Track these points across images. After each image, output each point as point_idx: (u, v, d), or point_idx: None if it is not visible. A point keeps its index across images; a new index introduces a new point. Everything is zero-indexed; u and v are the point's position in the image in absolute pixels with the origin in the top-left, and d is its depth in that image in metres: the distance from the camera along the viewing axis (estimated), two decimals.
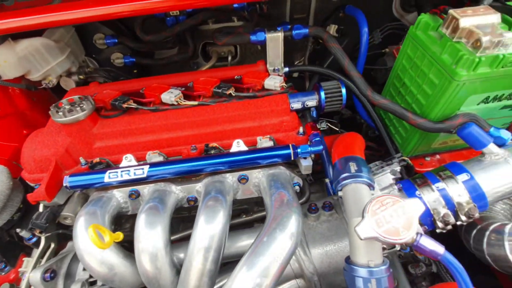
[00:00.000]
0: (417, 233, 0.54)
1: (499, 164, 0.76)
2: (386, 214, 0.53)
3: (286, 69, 1.08)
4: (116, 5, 0.85)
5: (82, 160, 0.91)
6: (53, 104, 0.89)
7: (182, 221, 1.15)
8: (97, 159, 0.91)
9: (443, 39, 0.80)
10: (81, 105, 0.87)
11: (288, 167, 0.93)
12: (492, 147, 0.77)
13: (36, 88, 1.14)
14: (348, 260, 0.66)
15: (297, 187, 0.92)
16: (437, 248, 0.53)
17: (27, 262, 0.96)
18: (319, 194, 1.17)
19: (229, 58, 1.46)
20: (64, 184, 0.84)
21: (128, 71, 1.43)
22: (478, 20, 0.72)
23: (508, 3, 0.92)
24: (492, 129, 0.84)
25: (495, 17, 0.72)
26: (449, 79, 0.78)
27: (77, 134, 0.90)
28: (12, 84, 1.08)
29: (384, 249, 0.77)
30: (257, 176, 0.91)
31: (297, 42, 1.35)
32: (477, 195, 0.75)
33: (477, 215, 0.74)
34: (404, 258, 1.12)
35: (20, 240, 1.00)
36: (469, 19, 0.73)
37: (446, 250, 0.53)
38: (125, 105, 0.95)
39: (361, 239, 0.53)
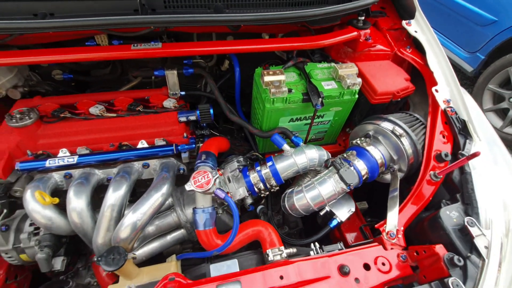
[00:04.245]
0: (216, 188, 1.11)
1: (288, 157, 1.37)
2: (199, 177, 1.09)
3: (183, 92, 1.60)
4: (59, 55, 1.28)
5: (28, 152, 1.32)
6: (7, 113, 1.29)
7: None
8: (40, 152, 1.33)
9: (261, 85, 1.40)
10: (29, 115, 1.29)
11: (177, 158, 1.45)
12: (285, 147, 1.39)
13: None
14: (193, 208, 1.21)
15: (182, 171, 1.45)
16: (222, 194, 1.11)
17: None
18: None
19: (153, 77, 1.93)
20: (16, 168, 1.25)
21: (67, 84, 1.81)
22: (273, 78, 1.33)
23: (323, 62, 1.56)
24: (293, 137, 1.46)
25: (282, 77, 1.33)
26: (264, 107, 1.38)
27: (25, 134, 1.31)
28: None
29: (223, 204, 1.33)
30: (155, 164, 1.41)
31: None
32: (275, 174, 1.36)
33: (274, 184, 1.35)
34: (277, 225, 1.72)
35: None
36: (269, 77, 1.33)
37: (227, 196, 1.11)
38: (61, 115, 1.39)
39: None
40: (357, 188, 1.40)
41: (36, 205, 1.19)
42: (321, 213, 1.42)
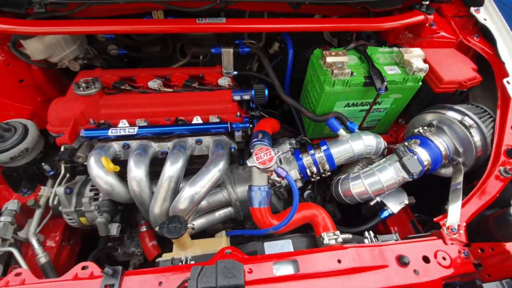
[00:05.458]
0: (277, 166, 1.10)
1: (343, 142, 1.34)
2: (261, 154, 1.08)
3: (235, 72, 1.59)
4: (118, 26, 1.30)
5: (91, 120, 1.37)
6: (74, 82, 1.34)
7: None
8: (102, 121, 1.38)
9: (321, 66, 1.36)
10: (94, 84, 1.33)
11: (228, 136, 1.46)
12: (341, 132, 1.35)
13: (53, 67, 1.56)
14: (249, 186, 1.21)
15: (233, 150, 1.45)
16: (283, 173, 1.09)
17: (43, 189, 1.42)
18: None
19: (201, 57, 1.93)
20: (81, 135, 1.31)
21: (120, 59, 1.85)
22: (336, 59, 1.28)
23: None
24: (348, 122, 1.41)
25: (345, 58, 1.28)
26: (322, 90, 1.34)
27: (89, 103, 1.36)
28: (39, 64, 1.49)
29: (274, 184, 1.33)
30: (208, 140, 1.42)
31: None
32: (329, 158, 1.33)
33: (327, 169, 1.33)
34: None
35: (40, 173, 1.44)
36: (331, 58, 1.28)
37: (288, 174, 1.09)
38: (122, 87, 1.42)
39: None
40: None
41: (100, 171, 1.23)
42: (371, 203, 1.38)
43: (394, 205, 1.40)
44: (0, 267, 1.25)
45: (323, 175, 1.38)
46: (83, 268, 1.00)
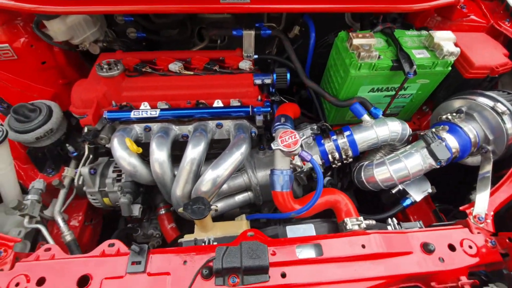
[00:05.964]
0: (302, 150, 1.08)
1: (367, 128, 1.31)
2: (286, 137, 1.07)
3: (256, 56, 1.56)
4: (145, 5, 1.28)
5: (113, 102, 1.37)
6: (97, 63, 1.34)
7: None
8: (124, 103, 1.38)
9: (347, 49, 1.32)
10: (117, 66, 1.33)
11: (249, 121, 1.44)
12: (365, 117, 1.32)
13: (75, 50, 1.56)
14: (272, 169, 1.20)
15: (253, 134, 1.44)
16: (308, 157, 1.08)
17: (67, 170, 1.44)
18: None
19: (219, 41, 1.90)
20: (104, 116, 1.31)
21: (139, 43, 1.84)
22: (363, 41, 1.24)
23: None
24: (372, 108, 1.38)
25: (373, 40, 1.24)
26: (347, 74, 1.31)
27: (111, 85, 1.36)
28: (61, 45, 1.50)
29: (295, 169, 1.31)
30: (228, 124, 1.41)
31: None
32: (352, 144, 1.30)
33: (350, 155, 1.30)
34: None
35: (64, 154, 1.47)
36: (358, 40, 1.24)
37: (313, 158, 1.08)
38: (144, 69, 1.42)
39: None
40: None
41: (124, 152, 1.24)
42: (393, 191, 1.36)
43: (417, 194, 1.37)
44: (28, 243, 1.30)
45: (345, 161, 1.36)
46: (110, 245, 1.03)
